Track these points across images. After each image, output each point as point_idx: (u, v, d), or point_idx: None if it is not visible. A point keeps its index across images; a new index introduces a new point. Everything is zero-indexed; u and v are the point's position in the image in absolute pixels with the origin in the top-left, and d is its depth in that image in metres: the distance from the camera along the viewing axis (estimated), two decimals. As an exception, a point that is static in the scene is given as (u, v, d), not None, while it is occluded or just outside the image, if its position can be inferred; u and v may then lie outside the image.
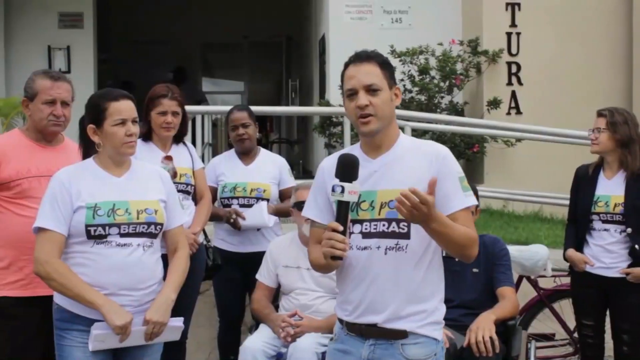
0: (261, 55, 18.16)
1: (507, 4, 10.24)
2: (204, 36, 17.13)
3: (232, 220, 5.20)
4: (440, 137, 9.67)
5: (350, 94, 3.01)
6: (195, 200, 4.92)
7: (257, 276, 4.94)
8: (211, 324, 5.81)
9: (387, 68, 3.03)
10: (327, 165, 3.14)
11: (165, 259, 3.71)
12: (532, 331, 5.69)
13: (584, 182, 4.84)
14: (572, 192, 4.98)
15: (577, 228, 4.89)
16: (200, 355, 6.07)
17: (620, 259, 4.72)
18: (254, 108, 5.63)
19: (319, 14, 12.20)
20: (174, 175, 4.74)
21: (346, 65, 3.07)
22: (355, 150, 3.09)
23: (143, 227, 3.49)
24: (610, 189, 4.74)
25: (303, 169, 13.68)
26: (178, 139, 4.93)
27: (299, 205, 4.81)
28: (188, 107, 8.84)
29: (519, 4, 10.23)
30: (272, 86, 17.64)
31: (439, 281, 3.10)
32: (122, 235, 3.43)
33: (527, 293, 5.70)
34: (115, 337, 3.40)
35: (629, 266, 4.70)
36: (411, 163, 2.97)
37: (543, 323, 5.75)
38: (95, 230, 3.40)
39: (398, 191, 2.76)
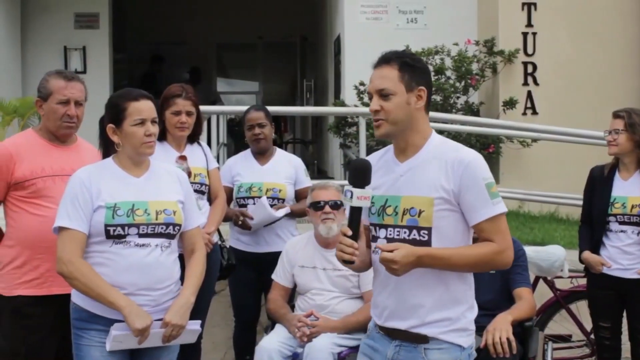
0: (276, 56, 18.16)
1: (523, 4, 10.20)
2: (218, 37, 17.15)
3: (240, 222, 5.20)
4: (455, 138, 9.63)
5: (369, 97, 3.02)
6: (210, 200, 4.92)
7: (273, 276, 4.95)
8: (227, 324, 5.82)
9: (407, 70, 2.99)
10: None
11: (181, 260, 3.71)
12: (548, 332, 5.66)
13: (600, 184, 4.81)
14: (587, 193, 4.95)
15: (592, 229, 4.86)
16: (216, 355, 6.08)
17: (637, 260, 4.70)
18: (269, 108, 5.62)
19: (334, 14, 12.20)
20: (188, 175, 4.74)
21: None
22: (389, 152, 3.07)
23: (162, 228, 3.49)
24: (627, 190, 4.72)
25: (318, 169, 13.69)
26: (192, 138, 4.93)
27: (315, 206, 4.83)
28: (203, 107, 8.94)
29: (535, 4, 10.20)
30: (287, 86, 17.64)
31: (465, 288, 3.05)
32: (140, 235, 3.44)
33: (543, 294, 5.67)
34: (134, 338, 3.40)
35: None
36: (432, 170, 2.93)
37: (560, 324, 5.72)
38: (114, 230, 3.40)
39: (419, 198, 2.79)
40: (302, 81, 15.19)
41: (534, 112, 10.13)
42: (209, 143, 8.75)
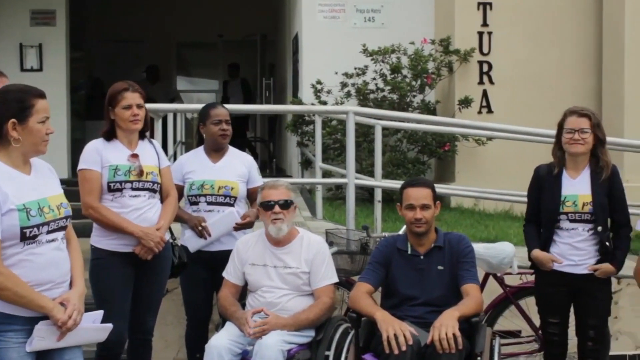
0: (236, 54, 18.11)
1: (479, 4, 10.26)
2: (179, 35, 17.06)
3: (199, 229, 5.19)
4: (411, 136, 9.72)
5: None
6: (162, 198, 4.91)
7: (224, 274, 4.96)
8: (179, 322, 5.81)
9: None
10: None
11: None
12: (498, 328, 5.73)
13: (548, 182, 4.86)
14: (533, 192, 4.98)
15: (540, 228, 4.91)
16: (169, 354, 6.08)
17: (588, 256, 4.77)
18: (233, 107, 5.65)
19: (292, 12, 12.21)
20: (140, 173, 4.74)
21: None
22: None
23: (63, 222, 3.54)
24: (577, 189, 4.78)
25: (276, 167, 13.70)
26: (142, 135, 4.92)
27: (265, 205, 4.83)
28: (161, 105, 8.92)
29: (490, 4, 10.27)
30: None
31: None
32: (49, 232, 3.45)
33: (493, 290, 5.74)
34: (54, 335, 3.40)
35: (597, 262, 4.75)
36: None
37: (509, 320, 5.79)
38: (30, 232, 3.38)
39: None
40: (261, 80, 15.18)
41: (490, 111, 10.21)
42: (165, 141, 8.71)
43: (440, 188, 9.07)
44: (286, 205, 4.82)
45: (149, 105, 6.10)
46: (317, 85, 10.08)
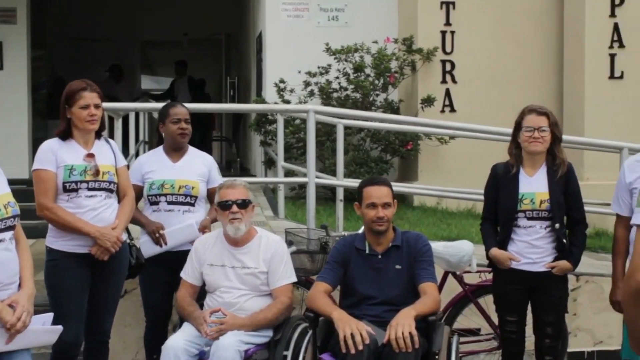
0: (201, 53, 18.06)
1: (442, 3, 10.29)
2: (143, 33, 16.98)
3: (156, 236, 5.15)
4: (374, 135, 9.73)
5: None
6: (119, 198, 4.87)
7: (182, 274, 4.93)
8: (138, 324, 5.76)
9: None
10: None
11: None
12: (457, 326, 5.76)
13: (506, 181, 4.88)
14: (490, 191, 4.99)
15: (498, 226, 4.94)
16: (127, 355, 6.03)
17: (546, 253, 4.80)
18: (194, 106, 5.63)
19: (256, 11, 12.17)
20: (96, 173, 4.70)
21: None
22: None
23: (11, 221, 3.50)
24: (534, 186, 4.80)
25: (241, 167, 13.65)
26: (98, 135, 4.87)
27: (222, 205, 4.81)
28: (121, 104, 8.86)
29: (453, 3, 10.30)
30: (213, 84, 17.54)
31: None
32: None
33: (453, 289, 5.76)
34: (3, 337, 3.36)
35: (554, 260, 4.78)
36: None
37: (469, 318, 5.81)
38: None
39: None
40: (226, 78, 15.14)
41: (452, 110, 10.25)
42: (127, 140, 8.65)
43: (403, 187, 9.19)
44: (244, 204, 4.79)
45: (109, 105, 6.08)
46: (280, 84, 10.06)
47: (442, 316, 4.90)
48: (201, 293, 4.96)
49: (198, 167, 5.39)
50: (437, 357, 4.41)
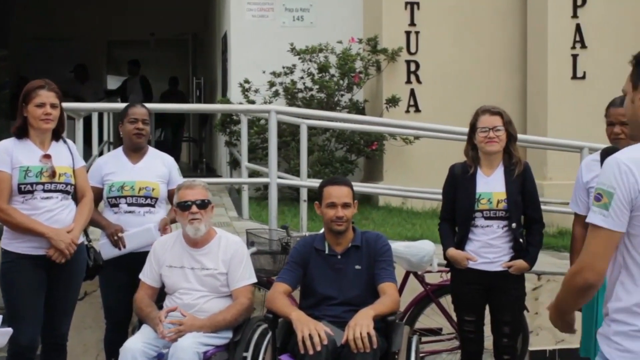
0: (168, 53, 17.99)
1: (407, 3, 10.31)
2: (109, 33, 16.86)
3: (115, 239, 5.11)
4: (340, 135, 9.72)
5: None
6: (76, 199, 4.82)
7: (140, 276, 4.89)
8: (99, 326, 5.72)
9: None
10: None
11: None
12: (419, 326, 5.77)
13: (463, 181, 4.89)
14: (448, 191, 5.01)
15: (455, 226, 4.95)
16: (88, 358, 5.99)
17: (502, 253, 4.80)
18: (153, 105, 5.58)
19: (221, 11, 12.14)
20: (52, 175, 4.65)
21: None
22: None
23: None
24: (491, 186, 4.81)
25: (207, 167, 13.61)
26: (57, 136, 4.82)
27: (181, 206, 4.78)
28: (83, 105, 8.78)
29: (418, 3, 10.33)
30: (180, 84, 17.47)
31: None
32: None
33: (415, 289, 5.77)
34: None
35: (511, 259, 4.80)
36: None
37: (430, 318, 5.83)
38: None
39: None
40: (193, 79, 15.10)
41: (417, 110, 10.27)
42: (89, 140, 8.58)
43: (368, 187, 9.20)
44: (203, 205, 4.77)
45: (68, 105, 6.01)
46: (245, 84, 10.03)
47: (401, 316, 4.90)
48: (161, 295, 4.93)
49: (158, 168, 5.35)
50: (396, 357, 4.42)
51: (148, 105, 5.78)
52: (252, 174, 8.88)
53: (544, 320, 6.61)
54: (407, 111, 10.21)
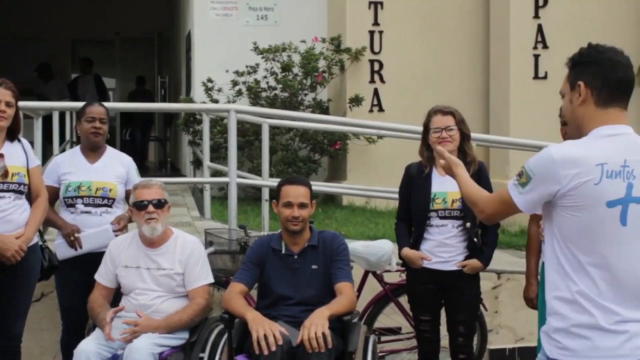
0: (133, 52, 17.85)
1: (370, 3, 10.33)
2: (74, 32, 16.72)
3: (72, 239, 5.06)
4: (303, 135, 9.71)
5: None
6: (30, 199, 4.77)
7: (96, 276, 4.86)
8: (56, 328, 5.64)
9: None
10: None
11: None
12: (379, 325, 5.77)
13: (418, 180, 4.90)
14: (404, 191, 5.01)
15: (411, 226, 4.95)
16: (45, 359, 5.91)
17: (457, 252, 4.81)
18: (113, 105, 5.52)
19: (186, 10, 12.09)
20: (4, 174, 4.59)
21: None
22: None
23: None
24: (446, 186, 4.80)
25: (172, 166, 13.55)
26: (13, 136, 4.76)
27: (138, 205, 4.74)
28: (41, 103, 8.67)
29: (381, 3, 10.35)
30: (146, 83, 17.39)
31: None
32: None
33: (374, 288, 5.77)
34: None
35: (465, 259, 4.81)
36: None
37: (389, 317, 5.83)
38: None
39: None
40: (158, 78, 15.02)
41: (381, 110, 10.29)
42: (48, 139, 8.48)
43: (331, 186, 9.19)
44: (160, 204, 4.74)
45: (25, 104, 5.94)
46: (208, 83, 9.99)
47: (360, 315, 4.89)
48: (118, 295, 4.89)
49: (116, 168, 5.31)
50: (353, 356, 4.42)
51: (109, 104, 5.73)
52: (215, 173, 8.84)
53: (504, 318, 6.68)
54: (371, 111, 10.23)
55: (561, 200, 2.66)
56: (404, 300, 5.70)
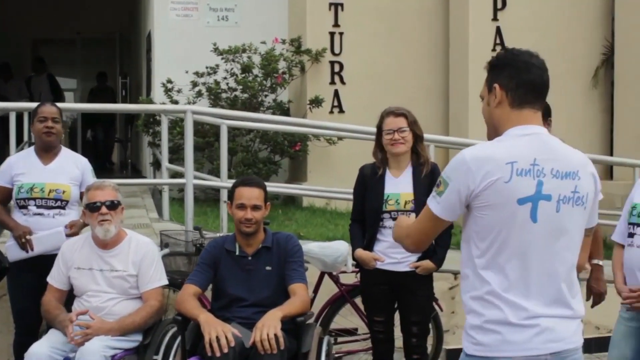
0: (95, 52, 17.73)
1: (331, 4, 10.37)
2: (35, 32, 16.55)
3: (23, 241, 5.01)
4: (264, 136, 9.70)
5: None
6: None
7: (48, 278, 4.82)
8: (9, 330, 5.61)
9: None
10: None
11: None
12: (335, 326, 5.78)
13: (372, 182, 4.92)
14: (358, 192, 5.03)
15: (365, 227, 4.96)
16: (-2, 363, 5.86)
17: (409, 253, 4.81)
18: (71, 105, 5.47)
19: (146, 10, 12.02)
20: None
21: None
22: None
23: None
24: (399, 187, 4.84)
25: (133, 168, 13.47)
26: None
27: (91, 207, 4.71)
28: (5, 104, 8.57)
29: (341, 5, 10.38)
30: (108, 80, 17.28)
31: None
32: None
33: (331, 289, 5.78)
34: None
35: (418, 260, 4.83)
36: None
37: (346, 318, 5.84)
38: None
39: None
40: (119, 78, 14.93)
41: (341, 111, 10.33)
42: (7, 140, 8.38)
43: (292, 188, 9.19)
44: (113, 205, 4.71)
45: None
46: (168, 84, 9.94)
47: (312, 317, 4.89)
48: (70, 297, 4.85)
49: (70, 170, 5.26)
50: (307, 358, 4.42)
51: (67, 105, 5.68)
52: (175, 174, 8.80)
53: (460, 319, 6.70)
54: (331, 112, 10.26)
55: (475, 201, 2.70)
56: (360, 301, 5.73)
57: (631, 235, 4.28)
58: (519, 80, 2.78)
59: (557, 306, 2.72)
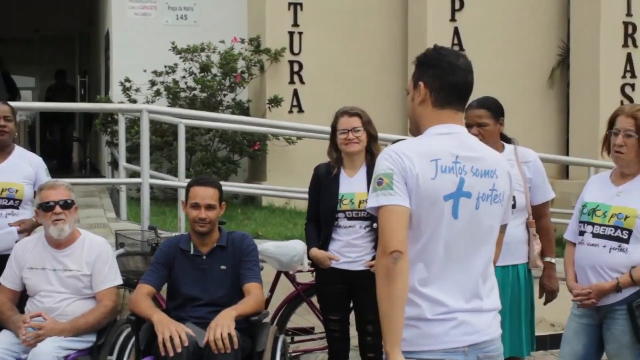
0: (54, 50, 17.57)
1: (290, 4, 10.38)
2: (-9, 29, 16.38)
3: None
4: (222, 135, 9.69)
5: None
6: None
7: (1, 279, 4.76)
8: (-36, 332, 5.52)
9: None
10: None
11: None
12: (291, 325, 5.79)
13: (327, 181, 4.94)
14: (313, 192, 5.05)
15: (320, 226, 4.98)
16: (-50, 365, 5.77)
17: (365, 252, 4.83)
18: (28, 104, 5.41)
19: (104, 8, 11.94)
20: None
21: None
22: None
23: None
24: (354, 187, 4.85)
25: (92, 167, 13.37)
26: None
27: (44, 206, 4.67)
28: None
29: (301, 4, 10.41)
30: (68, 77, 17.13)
31: None
32: None
33: (288, 288, 5.79)
34: None
35: (373, 259, 4.85)
36: None
37: (303, 317, 5.85)
38: None
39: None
40: (78, 77, 14.82)
41: (300, 110, 10.35)
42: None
43: (251, 187, 9.19)
44: (67, 205, 4.68)
45: None
46: (126, 83, 9.88)
47: (267, 316, 4.90)
48: (23, 298, 4.80)
49: (24, 169, 5.21)
50: (262, 357, 4.43)
51: (22, 104, 5.62)
52: (133, 174, 8.76)
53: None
54: (290, 111, 10.27)
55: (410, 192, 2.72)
56: (316, 300, 5.74)
57: (582, 233, 4.33)
58: (442, 82, 2.81)
59: (473, 300, 2.78)
